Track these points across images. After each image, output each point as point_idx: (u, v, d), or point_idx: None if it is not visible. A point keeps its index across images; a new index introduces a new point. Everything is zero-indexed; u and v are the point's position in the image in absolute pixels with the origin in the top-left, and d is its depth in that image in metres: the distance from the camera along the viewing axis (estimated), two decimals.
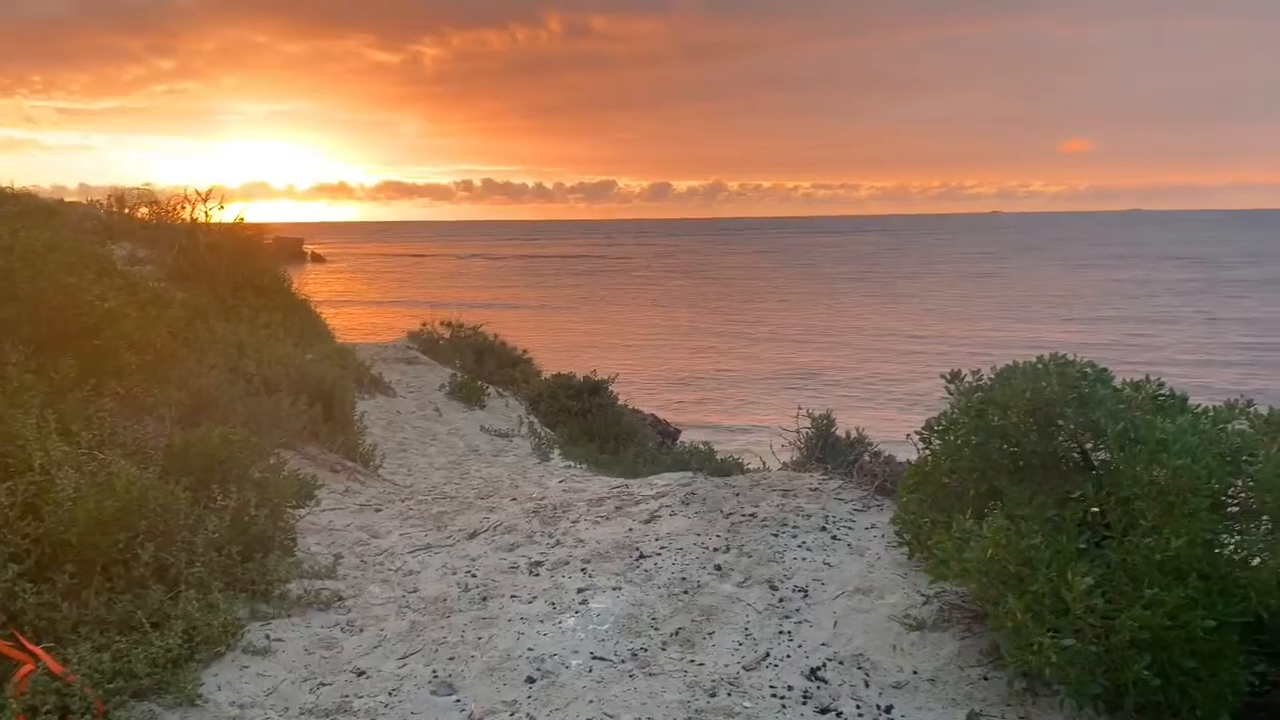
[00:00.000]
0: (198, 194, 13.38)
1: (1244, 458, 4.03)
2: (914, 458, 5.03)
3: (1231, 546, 3.93)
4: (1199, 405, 4.53)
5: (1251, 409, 4.59)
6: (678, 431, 18.68)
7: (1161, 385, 4.61)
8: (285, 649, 4.37)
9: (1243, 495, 4.06)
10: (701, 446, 12.98)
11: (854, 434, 7.11)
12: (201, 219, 13.41)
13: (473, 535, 6.04)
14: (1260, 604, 3.64)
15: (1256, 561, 3.84)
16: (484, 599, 4.91)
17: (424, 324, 18.48)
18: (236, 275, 12.57)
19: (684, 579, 4.90)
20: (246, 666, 4.19)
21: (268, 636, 4.43)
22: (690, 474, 7.00)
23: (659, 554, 5.24)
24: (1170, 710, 3.52)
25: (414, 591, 5.11)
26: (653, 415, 18.90)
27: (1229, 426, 4.36)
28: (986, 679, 3.85)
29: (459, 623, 4.63)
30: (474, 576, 5.25)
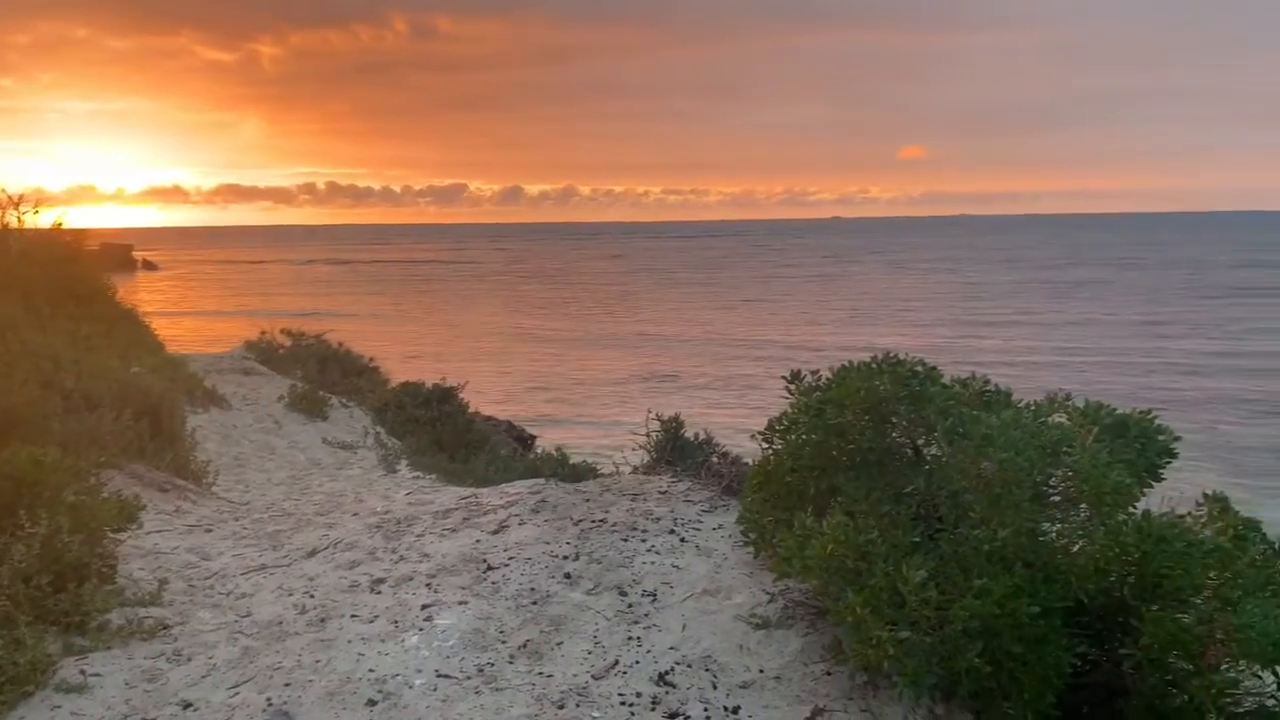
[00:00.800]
0: (8, 197, 12.40)
1: (1063, 449, 4.25)
2: (758, 457, 5.10)
3: (1053, 534, 4.14)
4: (1022, 400, 4.76)
5: (1069, 402, 4.85)
6: (532, 438, 18.52)
7: (987, 382, 4.82)
8: (104, 684, 4.06)
9: (1063, 485, 4.28)
10: (555, 453, 12.88)
11: (702, 435, 7.17)
12: (14, 224, 12.43)
13: (311, 553, 5.78)
14: (1080, 589, 3.84)
15: (1076, 548, 4.06)
16: (322, 620, 4.69)
17: (263, 333, 17.72)
18: (54, 284, 11.70)
19: (533, 589, 4.82)
20: (59, 706, 3.88)
21: (83, 672, 4.12)
22: (541, 481, 6.90)
23: (507, 565, 5.14)
24: (1001, 695, 3.66)
25: (247, 616, 4.84)
26: (507, 422, 18.69)
27: (1049, 419, 4.60)
28: (829, 674, 3.92)
29: (295, 646, 4.41)
30: (312, 597, 5.01)
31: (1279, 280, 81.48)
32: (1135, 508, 4.25)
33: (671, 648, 4.20)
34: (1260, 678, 4.15)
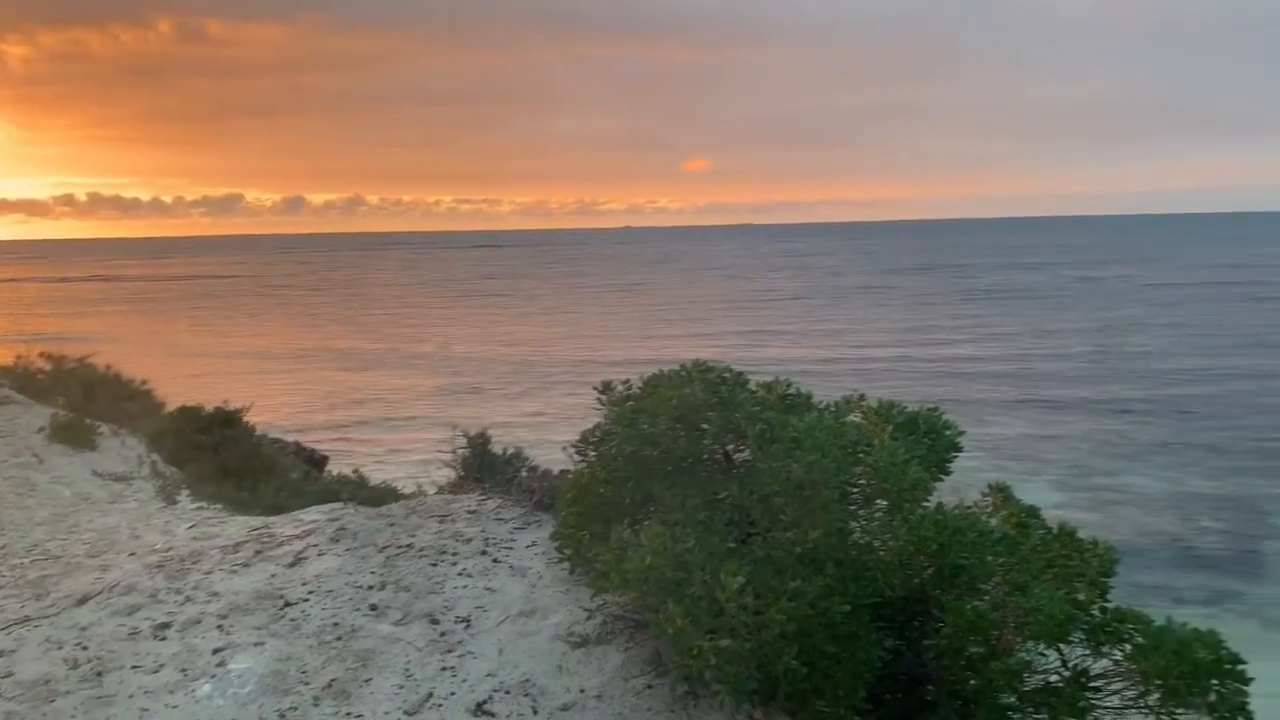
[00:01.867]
0: None
1: (861, 448, 4.41)
2: (572, 471, 5.02)
3: (858, 533, 4.29)
4: (821, 402, 4.91)
5: (864, 402, 5.05)
6: (324, 459, 17.69)
7: (789, 385, 4.94)
8: None
9: (862, 483, 4.43)
10: (352, 475, 12.34)
11: (510, 450, 7.01)
12: None
13: (83, 600, 5.22)
14: (885, 584, 3.98)
15: (880, 545, 4.21)
16: (99, 674, 4.24)
17: (18, 357, 16.04)
18: None
19: (336, 624, 4.53)
20: None
21: None
22: (340, 506, 6.54)
23: (307, 600, 4.81)
24: (815, 694, 3.74)
25: (8, 676, 4.31)
26: (295, 443, 17.74)
27: (847, 420, 4.77)
28: (651, 688, 3.88)
29: (67, 706, 3.97)
30: (85, 649, 4.52)
31: (1028, 282, 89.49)
32: (929, 502, 4.47)
33: (489, 674, 4.04)
34: (1046, 655, 4.45)
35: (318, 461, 16.99)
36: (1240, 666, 4.32)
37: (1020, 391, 38.24)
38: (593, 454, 4.68)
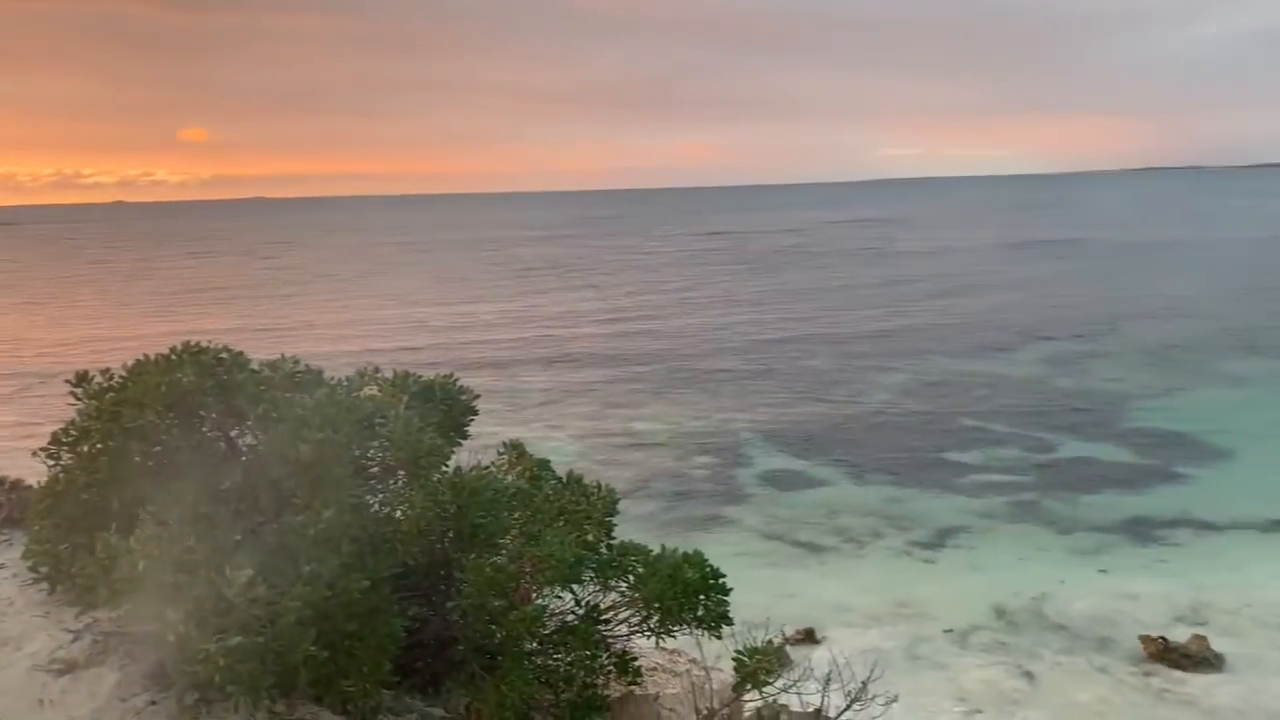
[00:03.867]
0: None
1: (377, 420, 4.35)
2: (45, 478, 4.37)
3: (376, 505, 4.23)
4: (334, 378, 4.75)
5: (379, 375, 4.99)
6: None
7: (297, 363, 4.72)
8: None
9: (380, 455, 4.38)
10: None
11: None
12: None
13: None
14: (406, 553, 3.98)
15: (399, 515, 4.19)
16: None
17: None
18: None
19: None
20: None
21: None
22: None
23: None
24: (340, 675, 3.65)
25: None
26: None
27: (362, 393, 4.67)
28: (155, 704, 3.53)
29: None
30: None
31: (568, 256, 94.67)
32: (448, 466, 4.54)
33: None
34: (562, 598, 4.76)
35: None
36: (721, 579, 4.96)
37: (549, 352, 40.51)
38: (68, 457, 4.12)
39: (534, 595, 4.32)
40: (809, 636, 14.73)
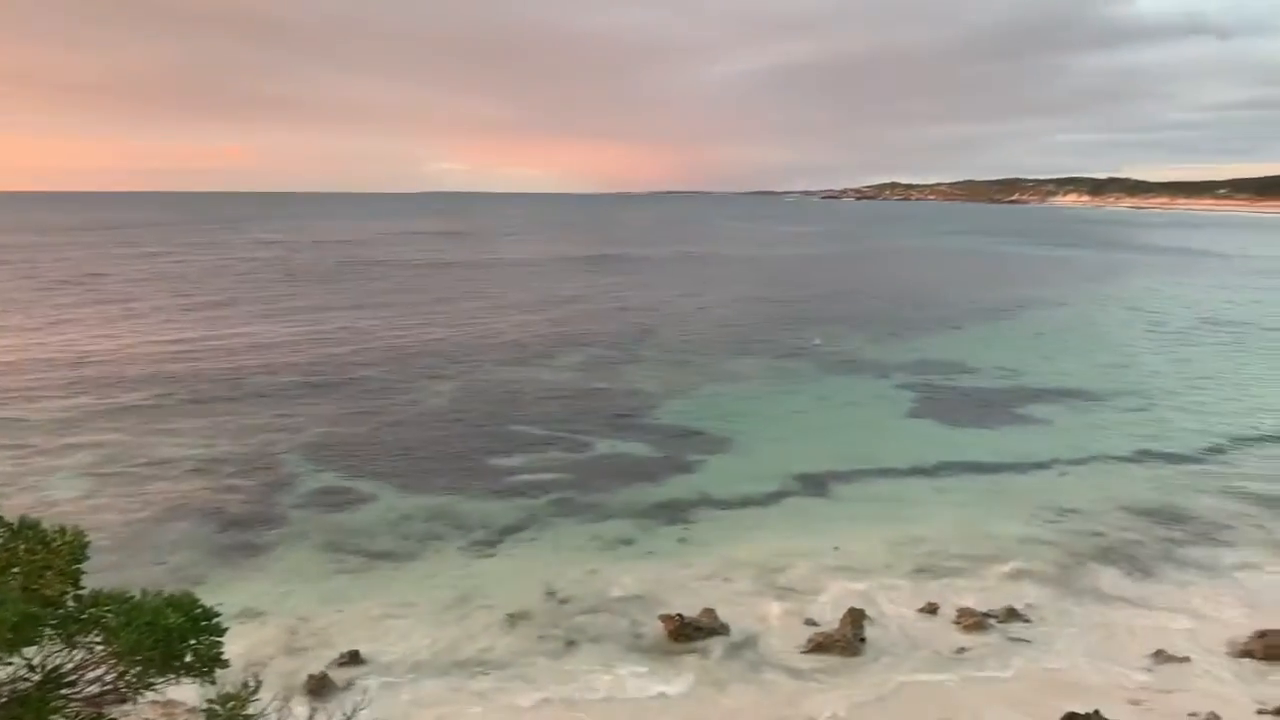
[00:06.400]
0: None
1: None
2: None
3: None
4: None
5: None
6: None
7: None
8: None
9: None
10: None
11: None
12: None
13: None
14: None
15: None
16: None
17: None
18: None
19: None
20: None
21: None
22: None
23: None
24: None
25: None
26: None
27: None
28: None
29: None
30: None
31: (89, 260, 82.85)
32: None
33: None
34: (13, 663, 4.13)
35: None
36: (215, 620, 4.60)
37: (65, 374, 35.32)
38: None
39: None
40: (354, 659, 14.33)
